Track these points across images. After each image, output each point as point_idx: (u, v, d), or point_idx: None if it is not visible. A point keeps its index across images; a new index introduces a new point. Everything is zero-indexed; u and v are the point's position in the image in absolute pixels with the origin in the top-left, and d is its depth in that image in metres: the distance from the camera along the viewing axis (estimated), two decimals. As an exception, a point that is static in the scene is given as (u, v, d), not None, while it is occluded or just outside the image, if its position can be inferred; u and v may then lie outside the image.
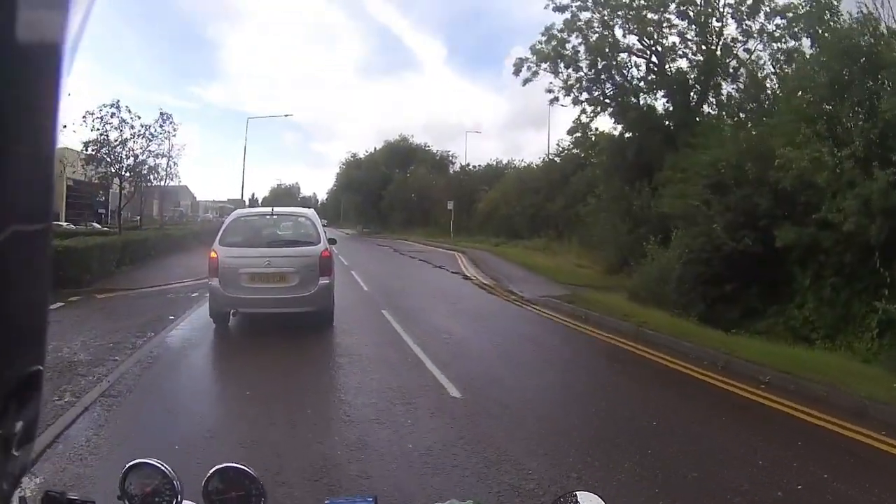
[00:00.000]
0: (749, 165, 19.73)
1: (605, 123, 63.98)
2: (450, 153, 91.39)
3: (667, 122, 30.42)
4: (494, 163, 75.46)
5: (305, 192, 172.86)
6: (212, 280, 15.20)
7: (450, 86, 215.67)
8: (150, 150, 41.68)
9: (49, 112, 0.81)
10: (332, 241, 17.77)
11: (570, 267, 32.60)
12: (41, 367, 0.89)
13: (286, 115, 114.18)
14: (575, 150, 46.53)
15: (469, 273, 31.46)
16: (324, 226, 17.16)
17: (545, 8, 31.26)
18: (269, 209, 17.97)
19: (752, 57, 28.92)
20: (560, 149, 51.79)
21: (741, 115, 27.10)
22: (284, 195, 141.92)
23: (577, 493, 1.95)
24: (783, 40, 27.92)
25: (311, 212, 17.61)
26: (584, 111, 32.67)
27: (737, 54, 29.12)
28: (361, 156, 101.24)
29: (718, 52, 29.20)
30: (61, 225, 51.99)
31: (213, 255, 15.21)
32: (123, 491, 2.01)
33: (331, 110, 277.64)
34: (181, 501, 2.03)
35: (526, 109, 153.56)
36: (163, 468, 2.02)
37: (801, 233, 17.45)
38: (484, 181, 68.33)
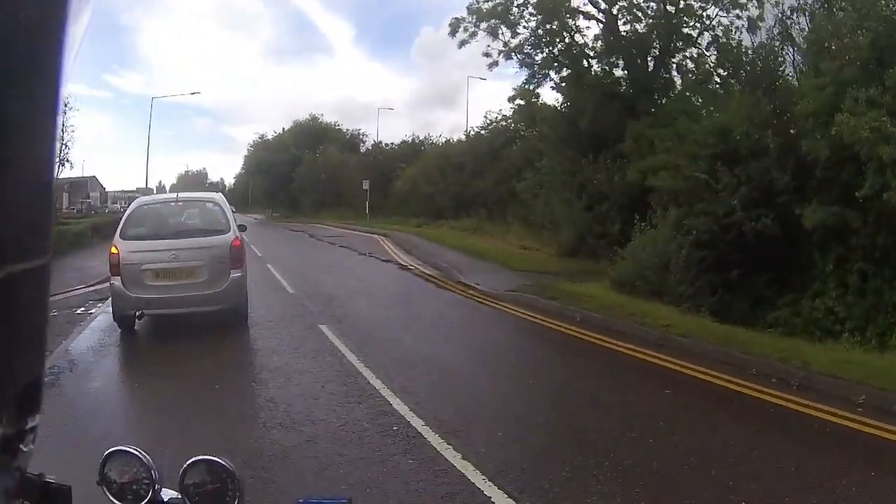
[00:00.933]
0: (770, 134, 17.64)
1: (548, 95, 61.67)
2: (361, 131, 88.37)
3: (624, 90, 27.39)
4: (410, 139, 71.19)
5: (213, 177, 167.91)
6: (113, 279, 13.52)
7: (360, 67, 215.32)
8: None
9: (49, 124, 0.80)
10: (241, 228, 16.09)
11: (515, 250, 29.02)
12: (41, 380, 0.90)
13: (192, 94, 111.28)
14: (508, 122, 43.84)
15: (404, 261, 27.74)
16: (232, 212, 13.56)
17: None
18: (174, 195, 16.77)
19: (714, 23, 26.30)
20: (488, 121, 48.04)
21: (716, 80, 25.32)
22: (192, 181, 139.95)
23: None
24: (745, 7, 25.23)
25: (219, 196, 16.41)
26: (533, 76, 29.09)
27: (700, 16, 26.27)
28: (270, 137, 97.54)
29: (680, 17, 26.47)
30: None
31: (113, 250, 13.62)
32: (102, 476, 2.01)
33: (242, 94, 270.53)
34: (159, 490, 2.02)
35: (435, 88, 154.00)
36: (141, 456, 2.00)
37: (830, 213, 15.86)
38: (400, 159, 64.16)
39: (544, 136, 31.03)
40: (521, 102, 32.23)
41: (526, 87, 29.85)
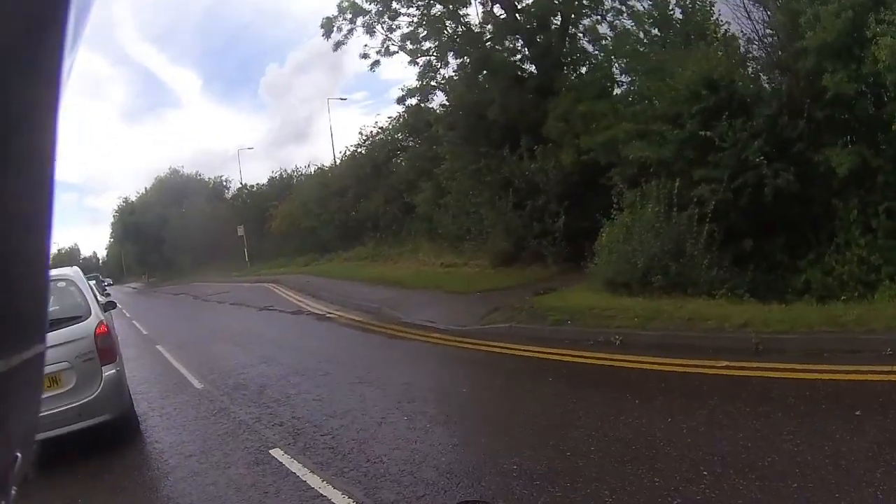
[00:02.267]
0: (777, 75, 16.50)
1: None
2: (223, 177, 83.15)
3: (530, 72, 24.16)
4: (278, 175, 66.70)
5: (86, 252, 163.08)
6: None
7: (210, 115, 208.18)
8: None
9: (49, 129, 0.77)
10: (109, 306, 13.16)
11: (439, 271, 25.28)
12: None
13: None
14: (388, 135, 40.36)
15: (316, 308, 23.01)
16: (109, 285, 8.98)
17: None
18: None
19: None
20: (364, 138, 43.85)
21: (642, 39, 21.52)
22: (67, 260, 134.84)
23: None
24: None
25: (72, 271, 12.18)
26: (428, 68, 25.70)
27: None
28: (134, 199, 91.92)
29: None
30: None
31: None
32: None
33: (102, 162, 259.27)
34: None
35: (287, 125, 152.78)
36: None
37: (857, 154, 14.01)
38: (271, 198, 59.83)
39: (443, 137, 27.07)
40: (413, 101, 27.57)
41: (422, 82, 25.81)
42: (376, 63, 26.41)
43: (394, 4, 24.84)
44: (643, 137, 16.59)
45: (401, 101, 27.71)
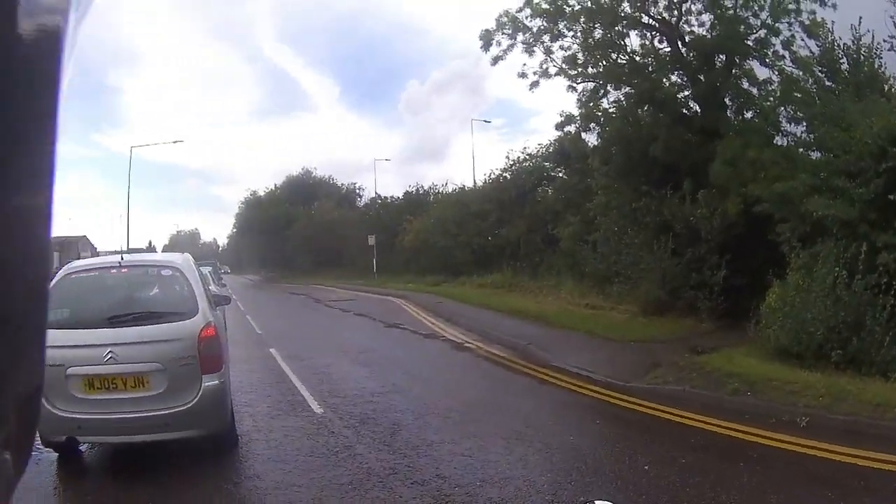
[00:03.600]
0: None
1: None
2: (356, 185, 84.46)
3: (693, 110, 23.38)
4: (413, 190, 66.39)
5: (206, 237, 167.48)
6: None
7: (346, 124, 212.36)
8: None
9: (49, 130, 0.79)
10: (222, 302, 13.26)
11: (583, 311, 24.30)
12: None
13: (175, 142, 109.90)
14: (536, 162, 40.04)
15: (452, 335, 22.02)
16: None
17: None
18: (117, 258, 11.17)
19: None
20: (511, 163, 43.15)
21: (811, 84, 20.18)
22: (185, 241, 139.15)
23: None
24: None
25: (181, 258, 11.19)
26: (595, 93, 24.87)
27: (788, 11, 21.84)
28: (262, 194, 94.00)
29: (745, 18, 22.45)
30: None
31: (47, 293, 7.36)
32: None
33: (230, 154, 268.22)
34: None
35: (422, 142, 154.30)
36: None
37: None
38: (405, 212, 59.36)
39: (597, 171, 26.39)
40: (571, 129, 27.30)
41: (587, 105, 25.17)
42: (535, 84, 25.82)
43: (558, 26, 24.55)
44: (821, 192, 15.94)
45: (559, 126, 27.38)
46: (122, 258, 10.93)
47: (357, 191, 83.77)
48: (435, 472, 8.82)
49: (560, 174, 37.37)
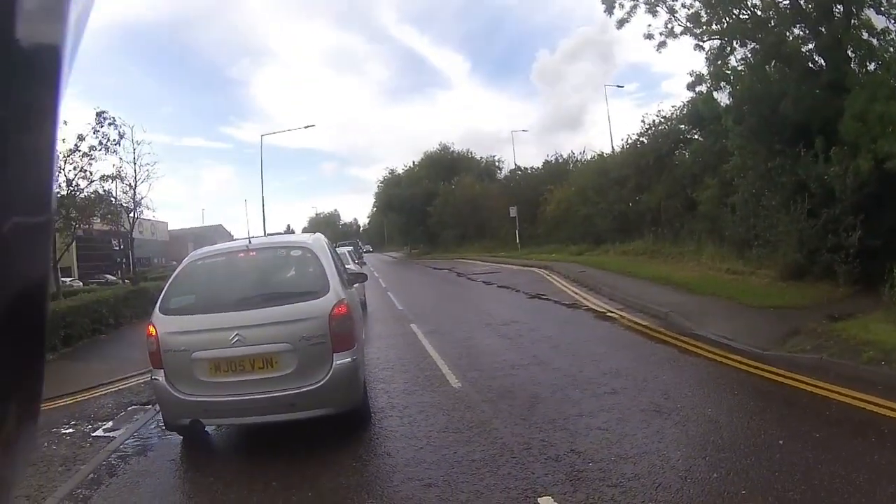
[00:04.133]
0: None
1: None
2: (496, 157, 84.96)
3: (816, 65, 22.74)
4: (553, 159, 66.79)
5: (346, 218, 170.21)
6: (155, 373, 9.54)
7: (479, 98, 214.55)
8: (83, 170, 29.48)
9: (49, 115, 0.81)
10: (358, 279, 13.41)
11: (724, 277, 24.09)
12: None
13: (307, 127, 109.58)
14: (671, 124, 39.24)
15: (595, 304, 22.10)
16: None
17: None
18: (245, 241, 11.51)
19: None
20: (646, 126, 42.27)
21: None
22: (323, 223, 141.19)
23: None
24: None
25: (311, 238, 11.34)
26: (722, 51, 24.77)
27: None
28: (400, 171, 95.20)
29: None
30: (65, 282, 45.32)
31: (150, 330, 9.56)
32: None
33: (364, 136, 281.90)
34: None
35: (558, 111, 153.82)
36: None
37: None
38: (545, 182, 59.68)
39: (731, 131, 25.78)
40: (703, 89, 27.21)
41: (715, 64, 25.04)
42: (662, 44, 26.05)
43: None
44: None
45: (690, 87, 27.43)
46: (249, 241, 11.27)
47: (497, 163, 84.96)
48: (570, 447, 8.84)
49: (696, 136, 36.81)
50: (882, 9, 21.26)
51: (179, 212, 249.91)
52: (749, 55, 23.98)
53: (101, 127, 30.26)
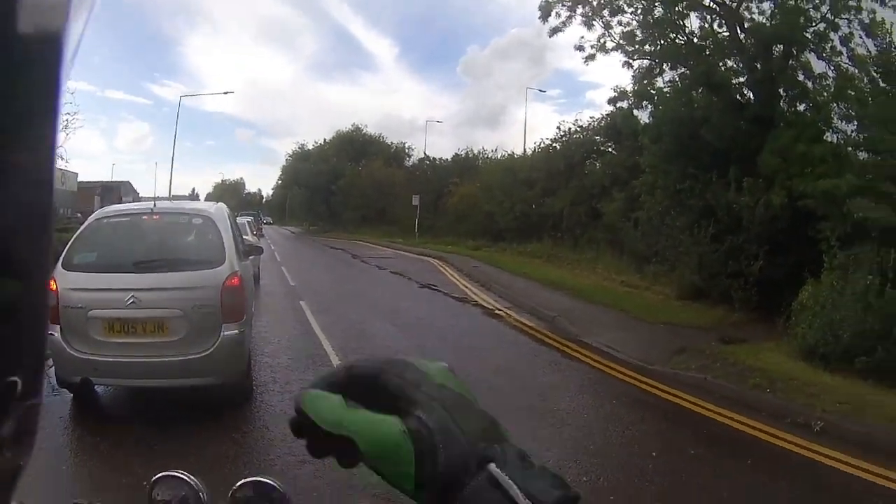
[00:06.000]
0: None
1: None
2: (406, 144, 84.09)
3: (748, 98, 22.86)
4: (463, 153, 66.95)
5: (251, 188, 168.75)
6: (52, 329, 8.77)
7: (403, 84, 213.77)
8: None
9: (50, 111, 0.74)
10: (253, 252, 13.66)
11: (619, 288, 24.20)
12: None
13: (226, 93, 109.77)
14: (587, 135, 39.43)
15: (484, 300, 22.14)
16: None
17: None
18: (151, 203, 11.26)
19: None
20: (561, 133, 42.48)
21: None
22: (230, 191, 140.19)
23: None
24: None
25: (214, 207, 11.31)
26: (650, 71, 25.27)
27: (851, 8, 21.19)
28: (311, 147, 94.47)
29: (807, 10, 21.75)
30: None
31: (51, 284, 8.24)
32: (151, 501, 1.89)
33: (284, 107, 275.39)
34: None
35: (480, 108, 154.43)
36: (189, 480, 1.88)
37: None
38: (452, 174, 59.92)
39: (646, 149, 25.86)
40: (625, 105, 27.28)
41: (642, 83, 25.23)
42: (591, 57, 26.06)
43: (619, 1, 24.56)
44: (865, 194, 15.76)
45: (612, 101, 27.42)
46: (154, 205, 10.95)
47: (407, 150, 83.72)
48: None
49: (609, 149, 37.10)
50: (824, 55, 21.47)
51: (91, 163, 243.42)
52: (677, 79, 24.09)
53: None
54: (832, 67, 21.61)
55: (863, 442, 9.50)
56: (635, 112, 27.25)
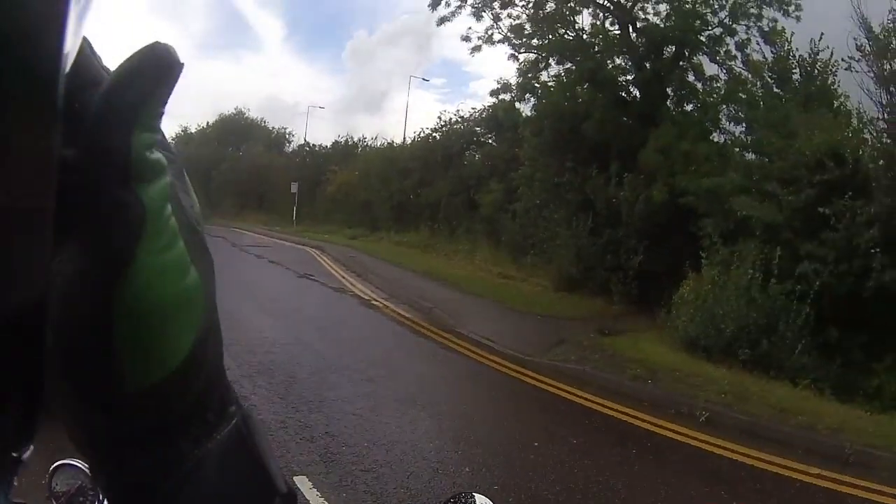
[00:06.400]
0: None
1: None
2: (287, 130, 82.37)
3: (633, 96, 23.27)
4: (343, 140, 65.24)
5: None
6: None
7: (288, 67, 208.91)
8: None
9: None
10: None
11: (495, 280, 24.07)
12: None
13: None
14: (466, 125, 39.08)
15: (362, 291, 21.70)
16: None
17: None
18: None
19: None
20: (441, 123, 42.13)
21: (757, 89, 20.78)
22: None
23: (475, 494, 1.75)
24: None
25: None
26: (535, 66, 25.10)
27: (749, 14, 21.75)
28: (193, 131, 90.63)
29: (701, 13, 22.14)
30: None
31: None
32: (51, 491, 1.96)
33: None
34: (103, 500, 1.78)
35: (362, 93, 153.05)
36: (85, 468, 1.85)
37: None
38: (331, 161, 58.80)
39: (527, 141, 25.89)
40: (507, 97, 27.36)
41: (526, 76, 25.08)
42: (477, 48, 25.87)
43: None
44: (749, 193, 16.09)
45: (494, 93, 27.42)
46: None
47: (287, 136, 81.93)
48: (325, 430, 8.94)
49: (489, 140, 36.95)
50: (717, 58, 21.86)
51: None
52: (563, 73, 24.08)
53: None
54: (724, 70, 21.96)
55: (749, 431, 9.84)
56: (517, 105, 27.27)
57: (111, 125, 0.59)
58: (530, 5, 23.98)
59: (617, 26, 23.35)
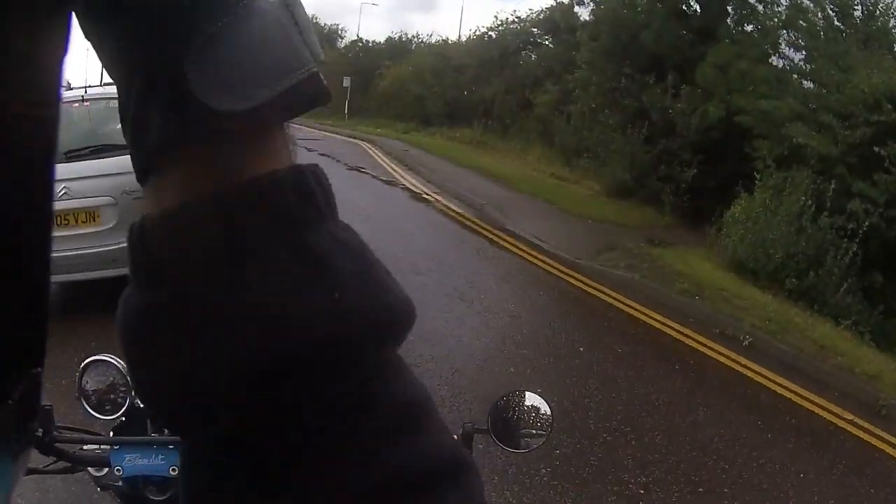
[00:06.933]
0: None
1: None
2: (340, 26, 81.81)
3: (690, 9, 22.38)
4: (397, 37, 64.90)
5: None
6: None
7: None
8: None
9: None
10: None
11: (548, 180, 23.74)
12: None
13: None
14: (524, 26, 38.34)
15: (413, 184, 21.57)
16: None
17: None
18: (82, 90, 10.09)
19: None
20: (498, 23, 41.46)
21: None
22: None
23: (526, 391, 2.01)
24: None
25: None
26: None
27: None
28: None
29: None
30: None
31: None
32: (80, 388, 2.02)
33: None
34: (135, 398, 1.99)
35: None
36: (118, 364, 2.00)
37: None
38: (385, 58, 58.20)
39: (584, 45, 24.89)
40: (565, 1, 26.54)
41: None
42: None
43: None
44: (805, 121, 15.75)
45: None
46: (85, 91, 10.16)
47: (339, 32, 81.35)
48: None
49: (546, 42, 36.18)
50: None
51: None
52: None
53: None
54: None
55: (790, 363, 9.64)
56: (576, 8, 26.80)
57: None
58: None
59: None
